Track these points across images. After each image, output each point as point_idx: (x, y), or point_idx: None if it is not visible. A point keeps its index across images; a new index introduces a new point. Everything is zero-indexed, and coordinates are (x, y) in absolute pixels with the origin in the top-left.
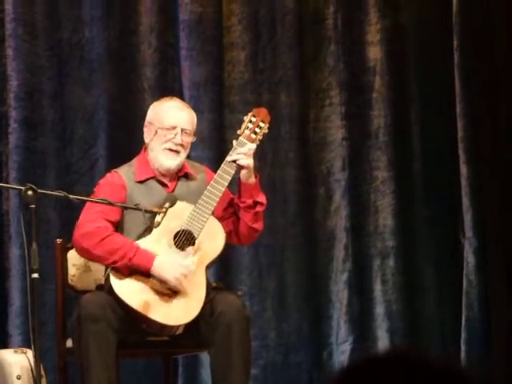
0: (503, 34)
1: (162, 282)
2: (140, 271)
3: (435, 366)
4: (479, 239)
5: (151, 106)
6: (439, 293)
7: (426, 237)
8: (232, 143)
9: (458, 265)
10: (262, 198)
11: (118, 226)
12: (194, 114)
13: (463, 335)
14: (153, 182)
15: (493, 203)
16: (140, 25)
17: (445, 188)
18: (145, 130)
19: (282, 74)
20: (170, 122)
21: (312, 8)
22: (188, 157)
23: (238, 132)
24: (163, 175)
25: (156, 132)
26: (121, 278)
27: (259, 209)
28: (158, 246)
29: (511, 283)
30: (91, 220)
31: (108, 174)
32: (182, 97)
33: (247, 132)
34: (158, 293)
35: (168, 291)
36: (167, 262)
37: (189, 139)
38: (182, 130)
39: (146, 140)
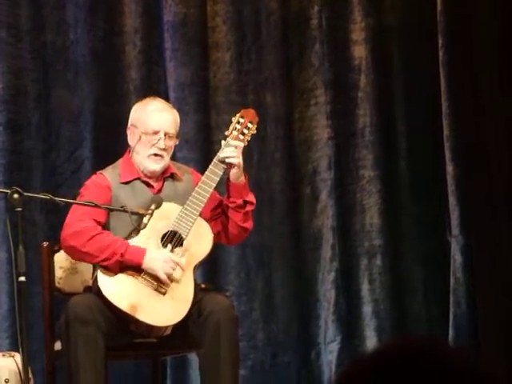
0: (487, 32)
1: (150, 282)
2: (131, 267)
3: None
4: (466, 237)
5: (134, 108)
6: (426, 291)
7: (412, 235)
8: (218, 144)
9: (445, 263)
10: (251, 198)
11: (105, 228)
12: (176, 115)
13: (451, 333)
14: (138, 183)
15: (479, 201)
16: (124, 26)
17: (431, 186)
18: (128, 132)
19: (268, 75)
20: (153, 126)
21: (296, 8)
22: (174, 158)
23: (226, 133)
24: (148, 177)
25: (140, 138)
26: (109, 280)
27: (249, 208)
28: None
29: (498, 281)
30: (79, 220)
31: (93, 176)
32: (167, 98)
33: (235, 133)
34: (146, 294)
35: (156, 292)
36: (157, 255)
37: (172, 142)
38: (165, 134)
39: (131, 143)
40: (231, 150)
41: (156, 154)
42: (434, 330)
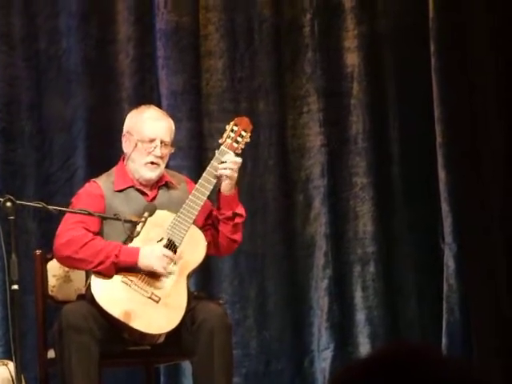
0: (479, 38)
1: (144, 290)
2: (126, 270)
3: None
4: (459, 244)
5: (129, 115)
6: (420, 298)
7: (405, 242)
8: (211, 152)
9: (438, 270)
10: (240, 210)
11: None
12: (171, 123)
13: (444, 340)
14: (132, 191)
15: (472, 208)
16: (117, 34)
17: (424, 193)
18: (123, 139)
19: (260, 82)
20: (149, 134)
21: (289, 15)
22: (167, 166)
23: (220, 141)
24: (143, 185)
25: (136, 145)
26: (102, 287)
27: (238, 220)
28: None
29: (491, 287)
30: (70, 229)
31: (86, 184)
32: (159, 106)
33: (229, 141)
34: (140, 301)
35: (149, 299)
36: (151, 251)
37: (167, 150)
38: (161, 142)
39: (126, 151)
40: (229, 161)
41: (152, 162)
42: (427, 337)
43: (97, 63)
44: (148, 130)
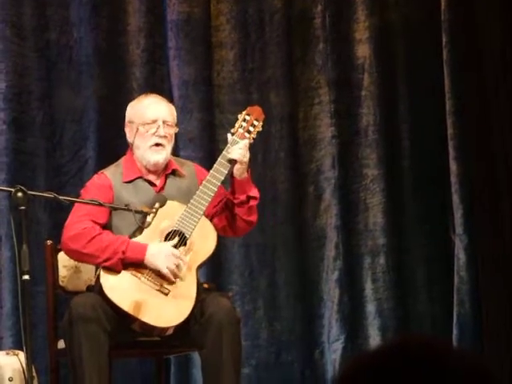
0: (491, 29)
1: (153, 282)
2: (134, 265)
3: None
4: (469, 236)
5: (129, 106)
6: (430, 290)
7: (416, 234)
8: (222, 142)
9: (449, 262)
10: (254, 192)
11: (108, 228)
12: (172, 107)
13: (455, 332)
14: (141, 182)
15: (483, 200)
16: (128, 25)
17: (435, 185)
18: (126, 130)
19: (271, 73)
20: (150, 115)
21: (300, 7)
22: (177, 156)
23: (232, 130)
24: (151, 173)
25: (137, 129)
26: (111, 280)
27: (253, 203)
28: None
29: (502, 279)
30: (78, 222)
31: (95, 176)
32: (171, 96)
33: (241, 130)
34: (149, 294)
35: (159, 292)
36: (159, 251)
37: (171, 130)
38: (163, 122)
39: (129, 139)
40: (239, 147)
41: (157, 144)
42: (437, 329)
43: (108, 54)
44: (149, 112)
